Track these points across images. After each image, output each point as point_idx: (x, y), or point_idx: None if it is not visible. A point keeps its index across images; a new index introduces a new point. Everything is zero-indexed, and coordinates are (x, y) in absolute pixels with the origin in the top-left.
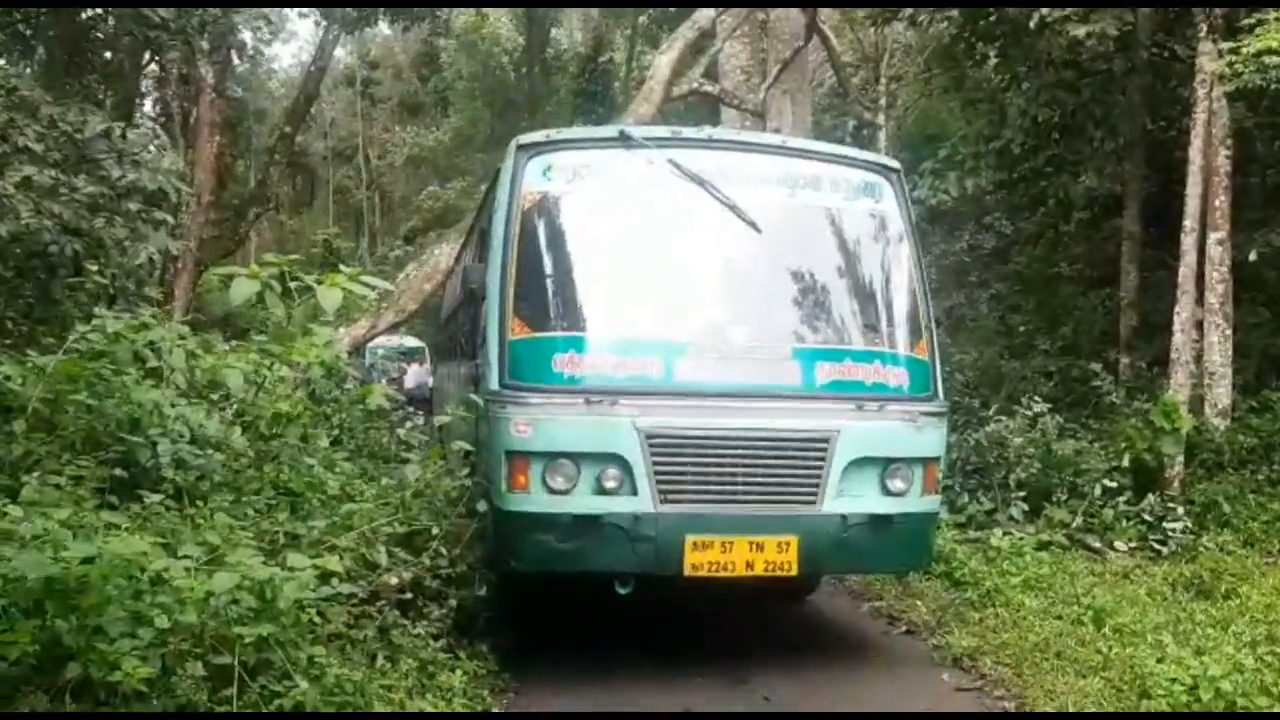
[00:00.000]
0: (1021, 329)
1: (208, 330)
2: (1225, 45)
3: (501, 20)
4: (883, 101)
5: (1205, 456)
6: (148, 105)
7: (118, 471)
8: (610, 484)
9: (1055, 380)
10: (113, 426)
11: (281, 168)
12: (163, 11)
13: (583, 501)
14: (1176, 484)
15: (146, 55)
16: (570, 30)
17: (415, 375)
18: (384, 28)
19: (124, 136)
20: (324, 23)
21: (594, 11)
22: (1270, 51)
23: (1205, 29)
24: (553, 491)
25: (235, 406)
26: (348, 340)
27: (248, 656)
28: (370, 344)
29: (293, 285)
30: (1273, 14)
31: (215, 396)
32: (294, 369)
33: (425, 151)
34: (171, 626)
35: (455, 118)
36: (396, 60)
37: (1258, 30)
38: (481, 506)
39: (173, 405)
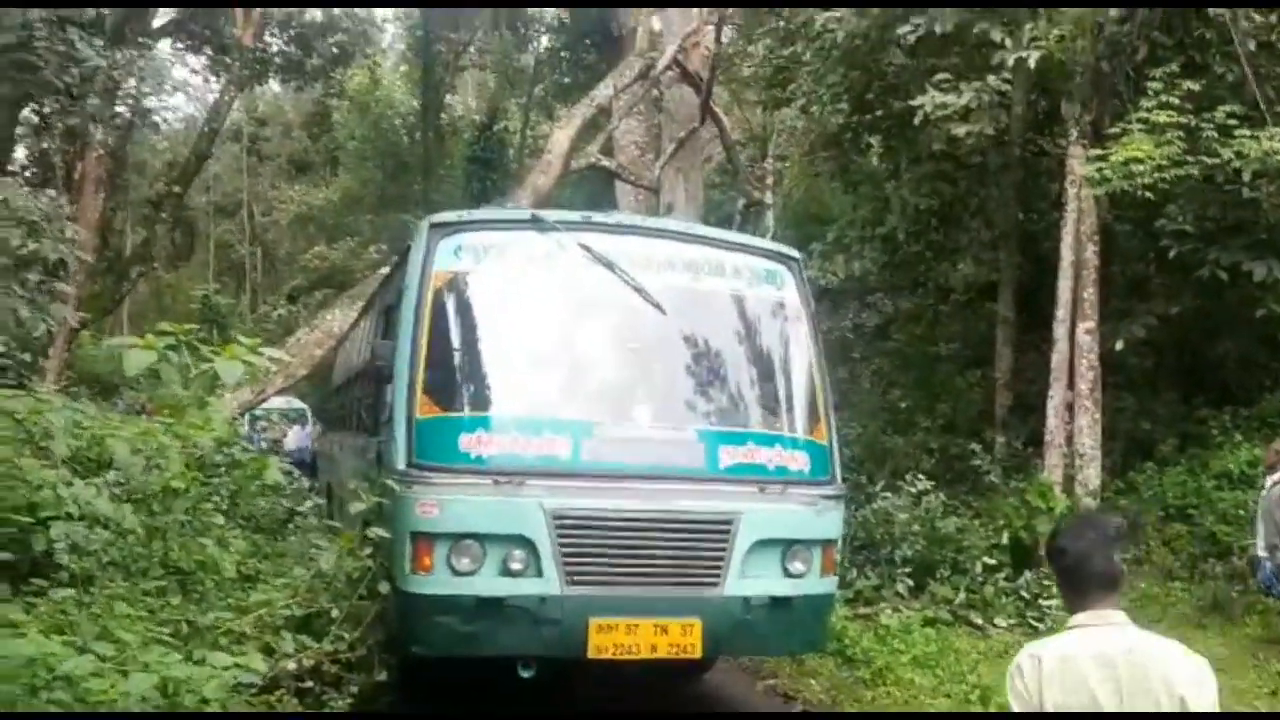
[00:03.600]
0: (902, 405)
1: (76, 386)
2: (1094, 152)
3: (396, 83)
4: (769, 180)
5: None
6: (21, 155)
7: (4, 555)
8: (516, 565)
9: (936, 457)
10: (6, 510)
11: (167, 226)
12: (47, 69)
13: (488, 583)
14: None
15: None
16: (465, 97)
17: (296, 438)
18: (274, 85)
19: (27, 203)
20: (216, 80)
21: (490, 80)
22: (1135, 160)
23: (1075, 134)
24: (457, 573)
25: (118, 477)
26: (235, 405)
27: None
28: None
29: (189, 355)
30: (1137, 125)
31: (99, 467)
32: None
33: (313, 210)
34: None
35: (345, 178)
36: (287, 118)
37: (1124, 139)
38: (384, 588)
39: (68, 485)
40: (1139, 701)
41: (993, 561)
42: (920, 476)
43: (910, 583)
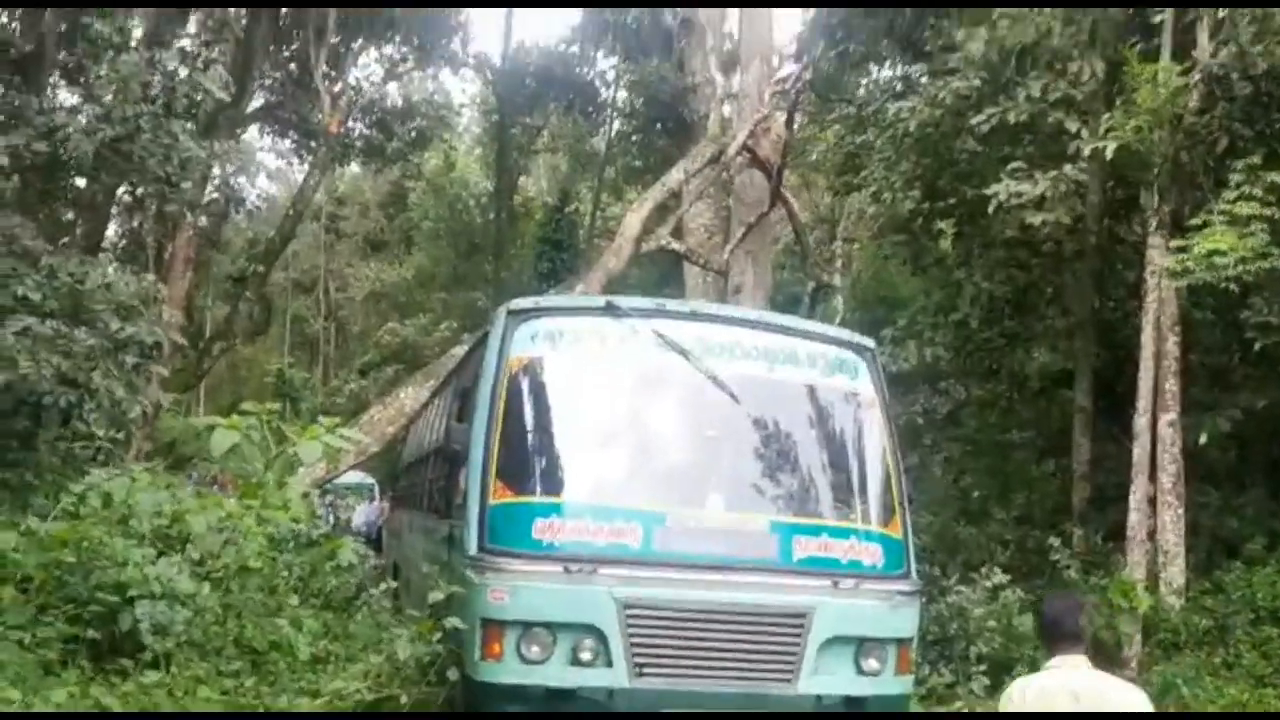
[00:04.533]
0: (975, 494)
1: (152, 458)
2: (1175, 243)
3: (471, 165)
4: (839, 263)
5: (1162, 636)
6: (111, 230)
7: (90, 633)
8: (585, 655)
9: (1011, 549)
10: (92, 587)
11: (251, 304)
12: (150, 159)
13: (557, 672)
14: (1134, 664)
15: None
16: (538, 179)
17: (364, 513)
18: (355, 167)
19: (126, 286)
20: (300, 164)
21: (562, 163)
22: (1218, 253)
23: (1155, 224)
24: (527, 661)
25: (196, 552)
26: (309, 481)
27: None
28: None
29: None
30: (1219, 217)
31: (179, 543)
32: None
33: (386, 287)
34: None
35: (418, 256)
36: (365, 197)
37: (1205, 231)
38: (453, 674)
39: (152, 563)
40: None
41: None
42: (995, 569)
43: (986, 681)
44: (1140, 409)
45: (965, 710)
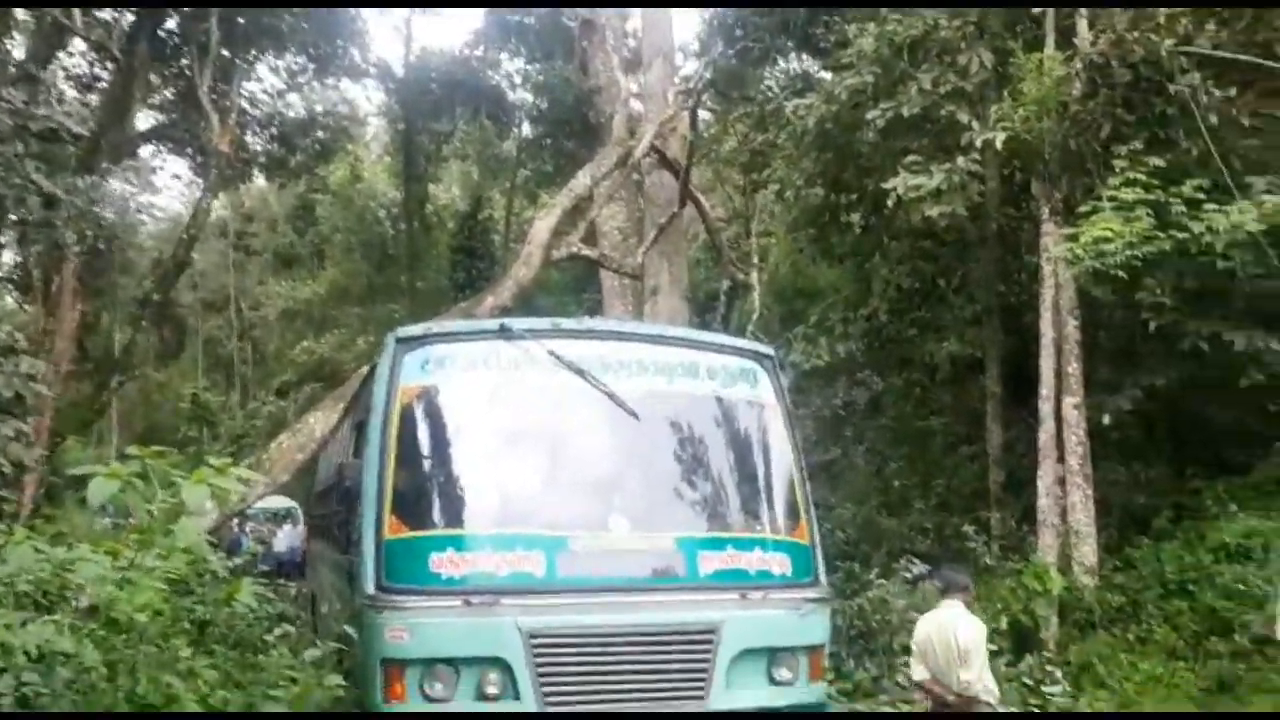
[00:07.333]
0: (896, 484)
1: (59, 499)
2: (1065, 230)
3: (379, 175)
4: (755, 259)
5: (1078, 616)
6: (8, 258)
7: None
8: (492, 689)
9: (932, 537)
10: None
11: (149, 333)
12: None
13: (463, 709)
14: (1052, 644)
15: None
16: (450, 186)
17: (287, 537)
18: (260, 180)
19: None
20: (197, 182)
21: (473, 170)
22: (1106, 239)
23: (1048, 211)
24: (431, 699)
25: (87, 604)
26: (218, 515)
27: None
28: None
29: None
30: (1107, 202)
31: (61, 598)
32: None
33: (300, 304)
34: None
35: (331, 270)
36: (272, 212)
37: (1093, 217)
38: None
39: (22, 625)
40: (949, 641)
41: (994, 647)
42: (915, 561)
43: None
44: (1044, 393)
45: (890, 708)
